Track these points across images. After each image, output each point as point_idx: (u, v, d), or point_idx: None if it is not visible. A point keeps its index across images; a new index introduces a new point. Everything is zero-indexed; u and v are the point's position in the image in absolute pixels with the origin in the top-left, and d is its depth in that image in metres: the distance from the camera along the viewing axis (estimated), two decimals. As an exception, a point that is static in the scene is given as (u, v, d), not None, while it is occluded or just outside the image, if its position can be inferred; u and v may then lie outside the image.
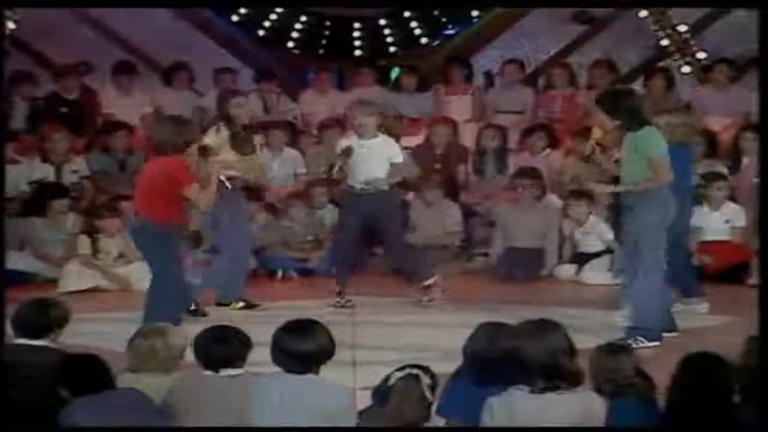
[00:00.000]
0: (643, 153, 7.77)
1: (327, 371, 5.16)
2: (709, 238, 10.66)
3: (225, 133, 8.96)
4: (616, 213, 8.91)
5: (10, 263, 9.61)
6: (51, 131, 11.67)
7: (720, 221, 10.61)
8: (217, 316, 8.54)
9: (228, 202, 8.91)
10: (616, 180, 8.25)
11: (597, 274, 10.49)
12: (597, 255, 10.65)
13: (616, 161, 8.23)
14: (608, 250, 10.54)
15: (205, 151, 8.56)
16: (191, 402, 5.18)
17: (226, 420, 5.15)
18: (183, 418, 5.21)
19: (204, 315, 8.63)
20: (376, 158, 9.18)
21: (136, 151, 11.70)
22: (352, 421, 5.07)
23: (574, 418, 4.83)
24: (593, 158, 8.41)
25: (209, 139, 8.85)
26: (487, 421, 4.90)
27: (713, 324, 8.47)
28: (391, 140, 9.47)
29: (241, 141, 9.02)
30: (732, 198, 10.69)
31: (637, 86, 12.37)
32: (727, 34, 12.76)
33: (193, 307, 8.65)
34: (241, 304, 9.12)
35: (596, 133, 8.36)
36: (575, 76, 12.72)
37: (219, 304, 9.11)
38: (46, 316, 5.82)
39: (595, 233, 10.71)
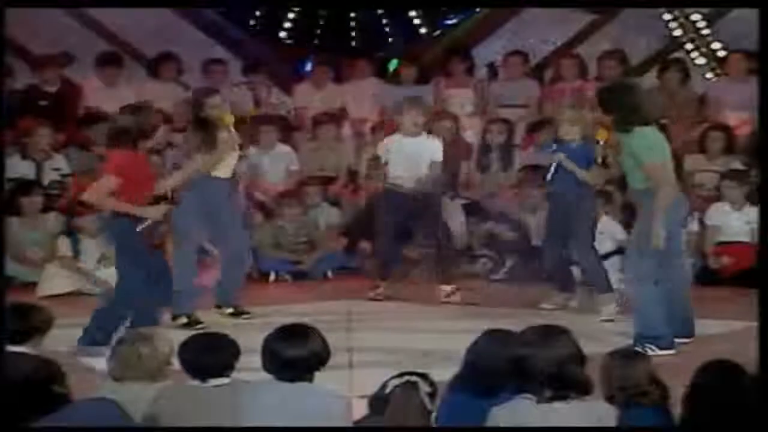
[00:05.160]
0: (637, 159, 7.78)
1: (322, 379, 5.18)
2: (729, 238, 10.70)
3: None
4: (630, 213, 8.96)
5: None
6: (31, 126, 11.65)
7: (741, 222, 10.63)
8: (205, 322, 8.57)
9: (225, 201, 8.89)
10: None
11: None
12: (608, 256, 10.64)
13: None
14: (620, 251, 10.54)
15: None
16: (177, 413, 5.19)
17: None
18: (168, 429, 5.23)
19: (200, 324, 8.58)
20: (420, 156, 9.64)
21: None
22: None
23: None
24: (607, 162, 8.49)
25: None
26: (491, 431, 4.91)
27: (730, 330, 8.47)
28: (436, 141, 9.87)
29: (210, 141, 8.81)
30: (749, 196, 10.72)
31: (650, 78, 12.43)
32: (745, 23, 12.76)
33: (185, 320, 8.65)
34: (230, 310, 9.13)
35: (602, 134, 8.40)
36: (585, 67, 12.71)
37: (218, 307, 9.14)
38: (27, 322, 5.81)
39: (608, 233, 10.69)
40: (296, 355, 5.07)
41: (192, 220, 8.80)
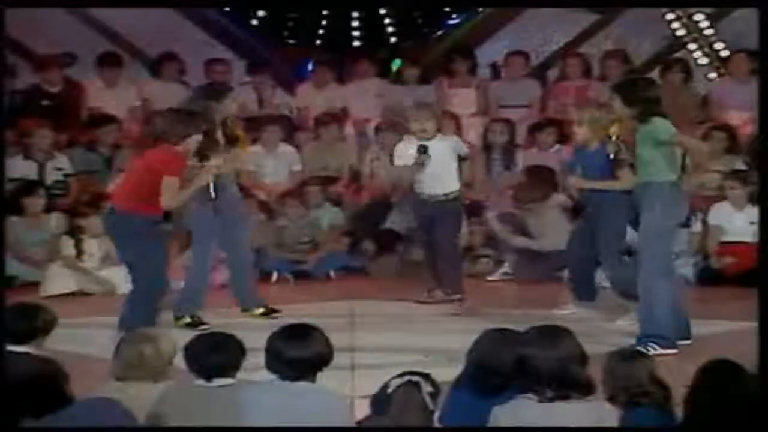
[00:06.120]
0: (666, 140, 7.83)
1: (325, 378, 5.19)
2: (732, 238, 10.70)
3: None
4: (635, 211, 8.97)
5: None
6: (33, 126, 11.67)
7: (744, 222, 10.63)
8: (214, 323, 8.57)
9: (229, 202, 8.87)
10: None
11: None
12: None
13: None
14: (629, 252, 10.50)
15: (203, 155, 8.51)
16: (181, 413, 5.20)
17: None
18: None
19: (203, 324, 8.56)
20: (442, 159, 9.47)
21: (124, 145, 11.72)
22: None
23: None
24: (618, 156, 8.49)
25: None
26: (492, 431, 4.93)
27: (731, 329, 8.48)
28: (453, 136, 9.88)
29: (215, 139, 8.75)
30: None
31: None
32: (747, 22, 12.75)
33: (188, 320, 8.64)
34: (261, 310, 9.05)
35: (615, 129, 8.42)
36: (590, 66, 12.71)
37: (244, 311, 9.04)
38: (30, 322, 5.82)
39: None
40: (299, 355, 5.09)
41: (209, 218, 8.76)
